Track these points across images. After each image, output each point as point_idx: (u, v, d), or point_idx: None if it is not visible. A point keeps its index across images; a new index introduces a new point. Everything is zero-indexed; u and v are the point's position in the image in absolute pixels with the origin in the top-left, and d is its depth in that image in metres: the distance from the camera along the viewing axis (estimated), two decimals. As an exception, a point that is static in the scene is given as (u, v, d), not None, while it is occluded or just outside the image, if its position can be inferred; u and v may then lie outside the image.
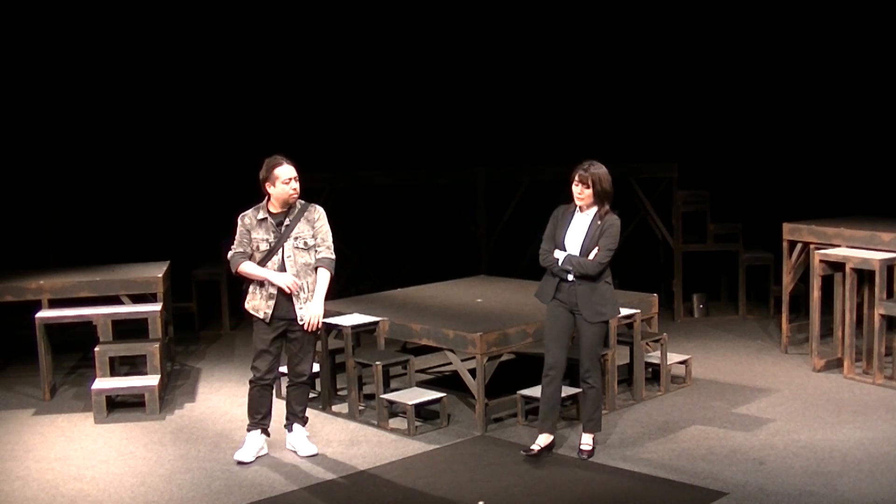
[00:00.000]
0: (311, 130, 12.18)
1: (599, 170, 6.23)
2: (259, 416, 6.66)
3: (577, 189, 6.25)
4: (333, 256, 6.56)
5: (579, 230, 6.27)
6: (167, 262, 9.20)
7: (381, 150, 12.21)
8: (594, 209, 6.29)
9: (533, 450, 6.39)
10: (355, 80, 12.30)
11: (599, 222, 6.23)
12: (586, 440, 6.46)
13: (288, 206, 6.45)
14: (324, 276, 6.52)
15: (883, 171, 10.84)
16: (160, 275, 8.66)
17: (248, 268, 6.46)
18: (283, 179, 6.36)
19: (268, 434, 6.76)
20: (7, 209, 11.25)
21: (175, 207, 11.83)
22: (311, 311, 6.46)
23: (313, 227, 6.49)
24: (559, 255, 6.25)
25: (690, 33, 11.86)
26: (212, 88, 11.86)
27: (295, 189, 6.41)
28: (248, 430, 6.69)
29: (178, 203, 11.83)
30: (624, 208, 11.33)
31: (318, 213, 6.56)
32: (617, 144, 12.07)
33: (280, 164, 6.39)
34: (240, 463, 6.56)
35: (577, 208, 6.31)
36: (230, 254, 6.52)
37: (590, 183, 6.20)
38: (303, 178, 10.47)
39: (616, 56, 12.18)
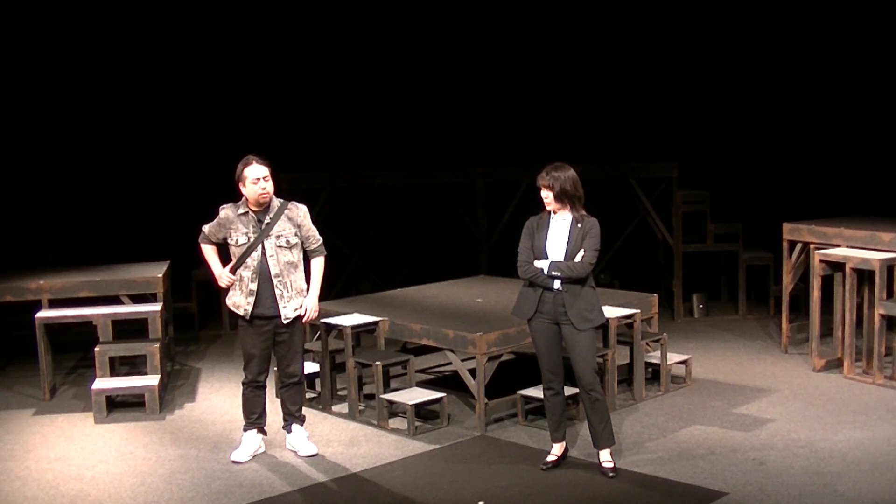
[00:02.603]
0: (311, 130, 12.19)
1: (561, 172, 6.03)
2: (254, 416, 6.67)
3: (542, 194, 6.10)
4: (321, 243, 6.66)
5: (560, 236, 6.08)
6: (167, 262, 9.20)
7: (381, 150, 12.20)
8: (569, 213, 6.10)
9: (549, 462, 6.34)
10: (355, 80, 12.31)
11: (580, 225, 6.06)
12: (605, 457, 6.24)
13: (264, 206, 6.44)
14: (319, 265, 6.60)
15: (883, 171, 10.84)
16: (160, 275, 8.66)
17: (205, 251, 6.65)
18: (252, 179, 6.35)
19: (264, 433, 6.76)
20: (7, 209, 11.24)
21: (175, 208, 11.83)
22: (307, 304, 6.50)
23: (298, 227, 6.49)
24: (542, 263, 6.05)
25: (690, 33, 11.86)
26: (211, 89, 11.85)
27: (264, 188, 6.36)
28: (245, 431, 6.71)
29: (179, 203, 11.82)
30: (624, 208, 11.43)
31: (303, 212, 6.56)
32: (617, 144, 12.08)
33: (249, 164, 6.38)
34: (236, 462, 6.57)
35: (551, 216, 6.14)
36: (204, 227, 6.63)
37: (550, 186, 6.09)
38: (303, 178, 10.46)
39: (616, 56, 12.18)
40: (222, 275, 6.51)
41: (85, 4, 11.24)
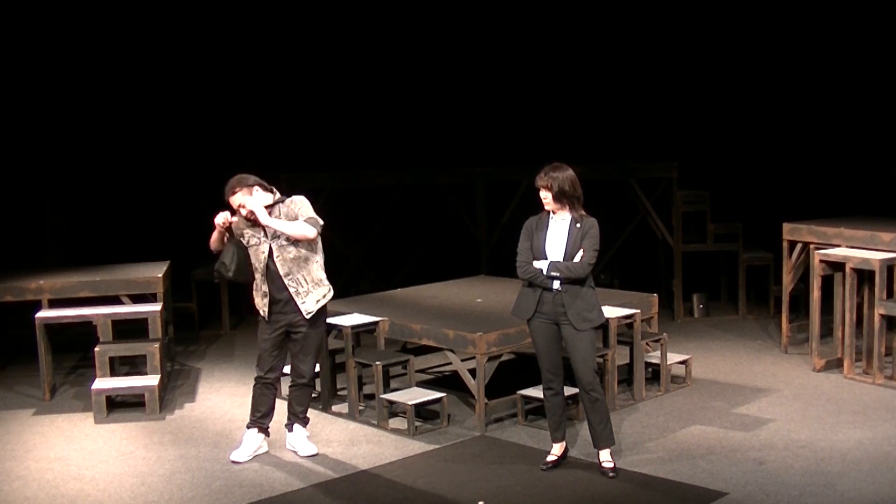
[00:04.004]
0: (311, 130, 12.19)
1: (560, 173, 6.02)
2: (258, 415, 6.65)
3: (541, 194, 6.09)
4: (316, 218, 6.43)
5: (559, 236, 6.07)
6: (167, 262, 9.20)
7: (381, 150, 12.21)
8: (568, 213, 6.09)
9: (549, 462, 6.34)
10: (355, 80, 12.31)
11: (579, 225, 6.05)
12: (605, 457, 6.23)
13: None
14: (302, 223, 6.32)
15: (883, 171, 10.83)
16: (160, 275, 8.66)
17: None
18: (235, 208, 6.40)
19: (267, 434, 6.75)
20: (7, 209, 11.24)
21: (175, 207, 11.83)
22: (254, 203, 6.31)
23: (296, 217, 6.42)
24: (542, 264, 6.04)
25: (690, 33, 11.86)
26: (212, 88, 11.86)
27: (244, 216, 6.38)
28: (247, 428, 6.70)
29: (178, 203, 11.83)
30: (624, 208, 11.44)
31: (298, 202, 6.48)
32: (617, 144, 12.09)
33: (227, 195, 6.36)
34: (235, 462, 6.56)
35: (550, 216, 6.13)
36: None
37: (549, 187, 6.09)
38: (303, 178, 10.51)
39: (616, 56, 12.18)
40: (218, 219, 6.41)
41: (85, 4, 11.24)
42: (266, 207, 6.39)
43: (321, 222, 6.47)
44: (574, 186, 6.04)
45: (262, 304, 6.48)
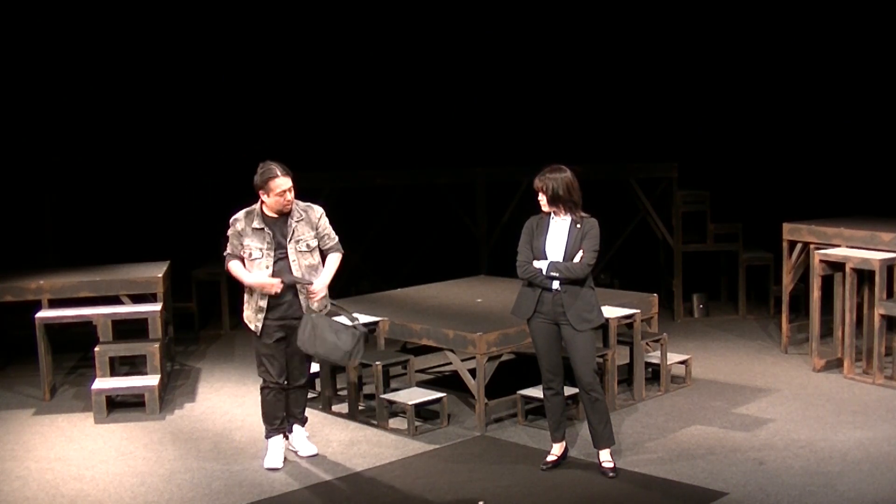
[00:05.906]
0: (311, 130, 12.18)
1: (557, 174, 6.02)
2: (277, 422, 6.58)
3: (538, 195, 6.13)
4: (337, 241, 6.59)
5: (559, 236, 6.07)
6: (167, 262, 9.20)
7: (381, 150, 12.21)
8: (568, 215, 6.09)
9: (549, 462, 6.34)
10: (355, 80, 12.31)
11: (579, 226, 6.05)
12: (605, 457, 6.23)
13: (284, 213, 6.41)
14: (335, 258, 6.53)
15: (883, 171, 10.83)
16: (160, 275, 8.66)
17: (233, 267, 6.42)
18: (278, 192, 6.26)
19: (286, 437, 6.71)
20: (7, 209, 11.24)
21: (175, 207, 11.83)
22: (316, 285, 6.37)
23: (316, 229, 6.46)
24: (542, 264, 6.05)
25: (690, 33, 11.86)
26: (212, 88, 11.85)
27: (289, 200, 6.32)
28: (269, 437, 6.59)
29: (178, 203, 11.82)
30: (624, 208, 11.44)
31: (319, 213, 6.52)
32: (617, 144, 12.09)
33: (275, 176, 6.23)
34: (272, 469, 6.44)
35: (551, 216, 6.12)
36: (227, 249, 6.48)
37: (543, 189, 6.09)
38: (303, 178, 10.49)
39: (616, 56, 12.18)
40: (264, 283, 6.31)
41: (85, 4, 11.24)
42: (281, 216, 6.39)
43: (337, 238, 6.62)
44: (569, 191, 6.02)
45: (255, 318, 6.40)
